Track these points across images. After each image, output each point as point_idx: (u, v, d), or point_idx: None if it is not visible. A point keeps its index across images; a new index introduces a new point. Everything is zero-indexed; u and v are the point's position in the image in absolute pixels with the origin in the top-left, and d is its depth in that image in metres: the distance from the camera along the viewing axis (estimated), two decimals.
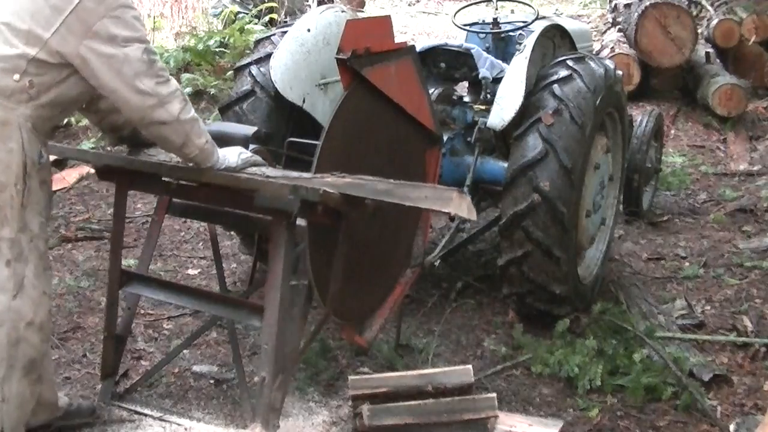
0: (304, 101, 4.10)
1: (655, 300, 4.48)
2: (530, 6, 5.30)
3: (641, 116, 5.80)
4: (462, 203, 2.76)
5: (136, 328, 4.01)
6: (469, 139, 4.35)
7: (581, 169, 3.91)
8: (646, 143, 5.56)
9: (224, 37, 8.27)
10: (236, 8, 9.09)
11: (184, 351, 3.75)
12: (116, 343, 3.41)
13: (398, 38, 3.50)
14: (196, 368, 3.72)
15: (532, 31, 4.31)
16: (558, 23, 4.61)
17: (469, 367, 3.23)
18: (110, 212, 5.33)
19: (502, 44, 4.89)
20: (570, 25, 4.83)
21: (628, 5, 9.01)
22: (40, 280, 2.78)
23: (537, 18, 4.84)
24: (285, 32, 4.21)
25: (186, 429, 3.21)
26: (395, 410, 3.10)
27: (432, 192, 2.86)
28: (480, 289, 4.56)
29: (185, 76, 7.66)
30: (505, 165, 4.00)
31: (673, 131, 7.96)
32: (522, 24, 4.87)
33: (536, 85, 3.99)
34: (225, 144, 3.07)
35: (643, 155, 5.52)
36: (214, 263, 3.92)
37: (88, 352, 3.82)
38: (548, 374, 3.73)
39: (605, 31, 9.86)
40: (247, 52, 6.86)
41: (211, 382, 3.62)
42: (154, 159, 3.12)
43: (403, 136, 3.48)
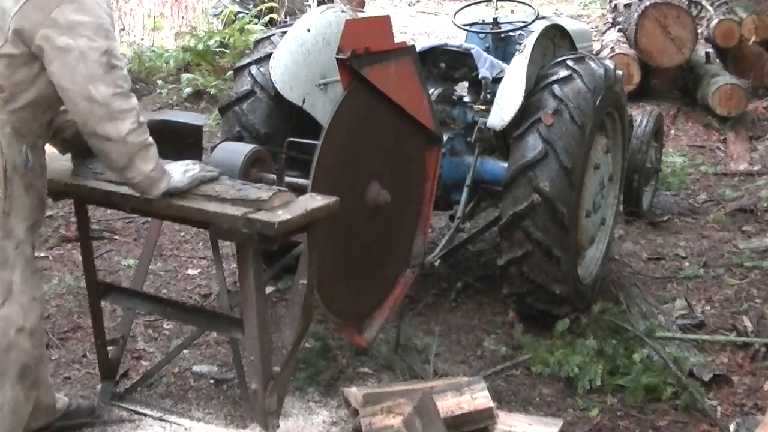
0: (303, 101, 4.10)
1: (655, 300, 4.48)
2: (530, 6, 5.30)
3: (641, 116, 5.80)
4: None
5: (136, 328, 4.01)
6: (469, 139, 4.35)
7: (581, 169, 3.91)
8: (646, 143, 5.57)
9: (224, 37, 8.28)
10: (236, 8, 9.10)
11: (184, 351, 3.75)
12: (116, 344, 3.41)
13: (398, 38, 3.51)
14: (196, 368, 3.72)
15: (532, 31, 4.31)
16: (558, 23, 4.61)
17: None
18: (110, 212, 5.35)
19: (502, 44, 4.89)
20: (570, 25, 4.83)
21: (628, 5, 9.01)
22: (29, 285, 2.71)
23: (537, 18, 4.84)
24: (285, 32, 4.21)
25: (186, 429, 3.21)
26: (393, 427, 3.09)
27: None
28: (480, 289, 4.56)
29: (185, 76, 7.67)
30: (505, 165, 4.00)
31: (673, 131, 7.96)
32: (522, 24, 4.87)
33: (536, 85, 3.99)
34: (175, 136, 2.97)
35: (643, 155, 5.52)
36: (214, 263, 3.92)
37: (88, 352, 3.81)
38: (548, 374, 3.73)
39: (605, 31, 9.86)
40: (247, 52, 6.86)
41: (211, 382, 3.62)
42: (103, 180, 2.89)
43: (403, 136, 3.48)
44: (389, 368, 3.72)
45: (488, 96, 4.31)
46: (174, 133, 2.97)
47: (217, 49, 8.12)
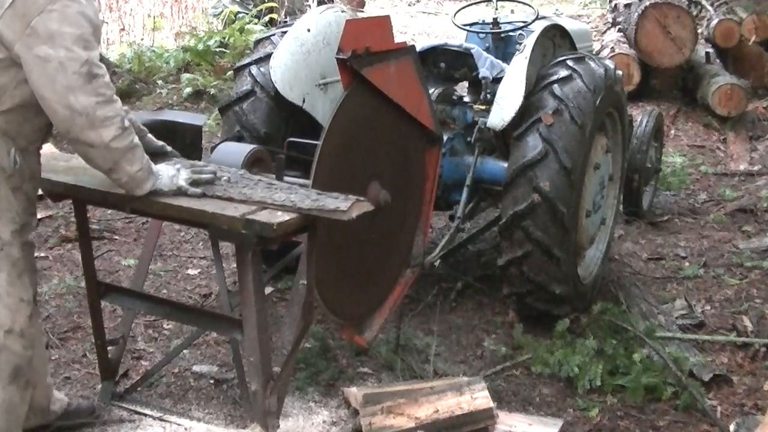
0: (304, 101, 4.10)
1: (655, 300, 4.48)
2: (530, 6, 5.30)
3: (641, 116, 5.80)
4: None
5: (136, 328, 4.01)
6: (469, 139, 4.35)
7: (581, 169, 3.91)
8: (646, 143, 5.57)
9: (224, 37, 8.28)
10: (236, 8, 9.11)
11: (184, 351, 3.75)
12: (116, 344, 3.41)
13: (398, 38, 3.51)
14: (196, 368, 3.72)
15: (532, 31, 4.31)
16: (558, 23, 4.61)
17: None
18: (110, 212, 5.35)
19: (502, 44, 4.89)
20: (570, 25, 4.83)
21: (628, 5, 9.01)
22: (16, 287, 2.68)
23: (537, 18, 4.84)
24: (285, 32, 4.21)
25: (186, 429, 3.21)
26: (394, 427, 3.09)
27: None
28: (480, 289, 4.56)
29: (185, 76, 7.67)
30: (505, 165, 4.00)
31: (673, 131, 7.96)
32: (522, 24, 4.87)
33: (536, 85, 3.99)
34: (174, 136, 2.96)
35: (643, 155, 5.52)
36: (214, 263, 3.92)
37: (88, 352, 3.81)
38: (548, 374, 3.73)
39: (605, 31, 9.87)
40: (247, 52, 6.87)
41: (211, 382, 3.62)
42: (101, 181, 2.86)
43: (403, 136, 3.48)
44: (389, 368, 3.72)
45: (488, 96, 4.31)
46: (173, 133, 2.98)
47: (217, 49, 8.12)
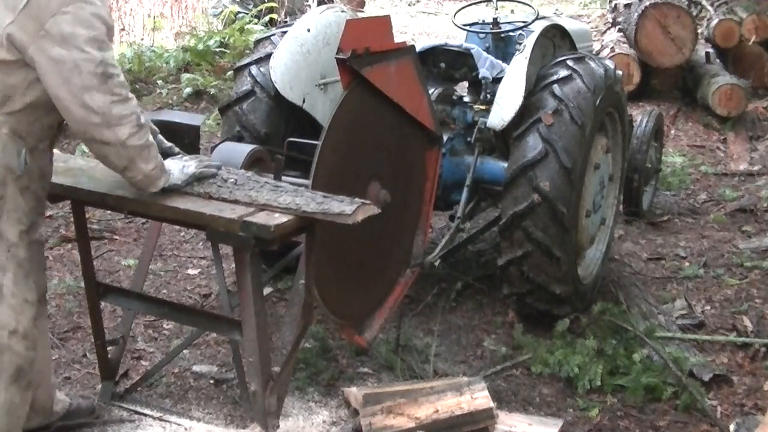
0: (304, 101, 4.10)
1: (655, 300, 4.48)
2: (530, 6, 5.30)
3: (641, 116, 5.79)
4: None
5: (136, 328, 4.01)
6: (469, 139, 4.35)
7: (581, 169, 3.91)
8: (646, 143, 5.56)
9: (224, 37, 8.28)
10: (236, 8, 9.10)
11: (184, 351, 3.75)
12: (116, 344, 3.41)
13: (398, 38, 3.51)
14: (196, 368, 3.72)
15: (532, 31, 4.31)
16: (558, 23, 4.61)
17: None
18: (110, 212, 5.35)
19: (502, 44, 4.89)
20: (570, 25, 4.83)
21: (628, 5, 9.01)
22: (21, 288, 2.67)
23: (537, 18, 4.84)
24: (285, 32, 4.21)
25: (186, 429, 3.21)
26: (393, 427, 3.09)
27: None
28: (480, 289, 4.56)
29: (185, 76, 7.67)
30: (505, 165, 4.00)
31: (673, 131, 7.96)
32: (522, 24, 4.87)
33: (536, 85, 3.99)
34: (172, 136, 2.97)
35: (643, 155, 5.52)
36: (214, 263, 3.92)
37: (88, 352, 3.82)
38: (548, 374, 3.73)
39: (605, 31, 9.86)
40: (247, 52, 6.87)
41: (211, 382, 3.62)
42: (100, 182, 2.91)
43: (403, 136, 3.48)
44: (389, 368, 3.72)
45: (488, 96, 4.31)
46: (171, 132, 2.99)
47: (217, 49, 8.11)
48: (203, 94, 7.50)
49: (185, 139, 3.12)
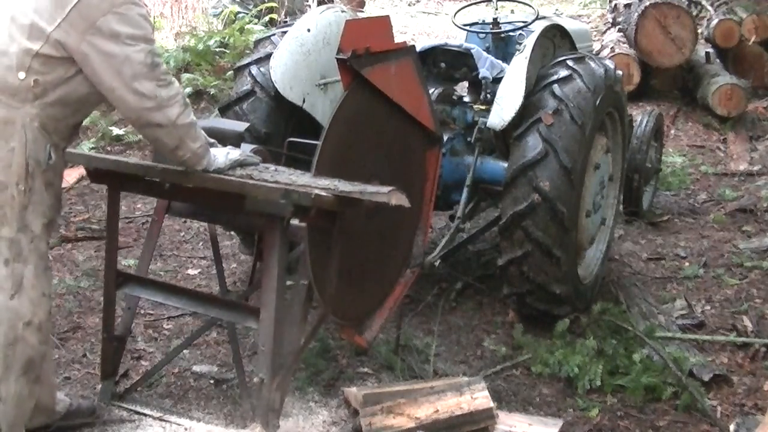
0: (304, 101, 4.10)
1: (655, 300, 4.49)
2: (530, 6, 5.30)
3: (641, 116, 5.80)
4: None
5: (136, 328, 4.01)
6: (469, 139, 4.35)
7: (581, 169, 3.91)
8: (646, 143, 5.56)
9: (224, 37, 8.27)
10: (236, 8, 9.09)
11: (184, 351, 3.75)
12: (116, 343, 3.41)
13: (398, 38, 3.51)
14: (196, 368, 3.72)
15: (532, 31, 4.32)
16: (558, 23, 4.61)
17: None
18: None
19: (502, 44, 4.89)
20: (570, 25, 4.83)
21: (628, 5, 9.01)
22: (40, 280, 2.75)
23: (537, 18, 4.84)
24: (285, 32, 4.21)
25: (186, 429, 3.21)
26: (394, 427, 3.09)
27: None
28: (480, 289, 4.56)
29: (185, 76, 7.66)
30: (505, 165, 4.00)
31: (673, 131, 7.96)
32: (522, 24, 4.87)
33: (536, 85, 3.99)
34: (218, 140, 3.06)
35: (643, 155, 5.52)
36: (214, 263, 3.92)
37: (88, 352, 3.82)
38: (548, 374, 3.73)
39: (605, 31, 9.86)
40: (247, 52, 6.86)
41: (211, 382, 3.62)
42: (144, 162, 3.08)
43: (403, 136, 3.48)
44: (389, 368, 3.72)
45: (488, 96, 4.31)
46: (215, 137, 3.08)
47: (217, 49, 8.11)
48: (203, 94, 7.50)
49: (227, 144, 3.21)
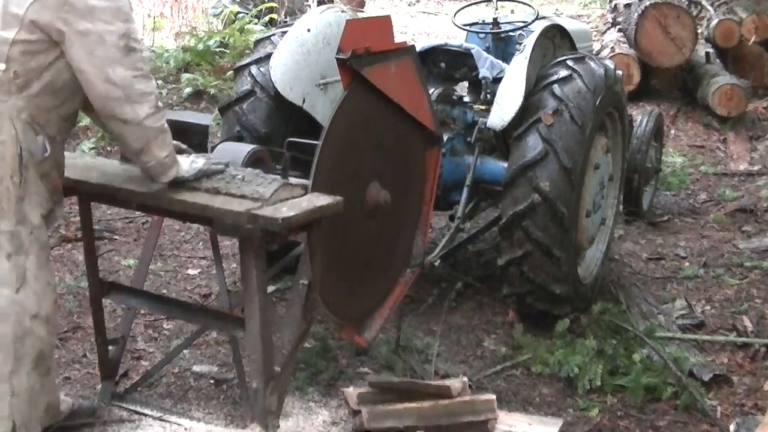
0: (304, 101, 4.10)
1: (655, 300, 4.48)
2: (530, 6, 5.30)
3: (641, 116, 5.80)
4: None
5: (136, 328, 4.01)
6: (469, 139, 4.35)
7: (581, 169, 3.91)
8: (646, 143, 5.56)
9: (224, 37, 8.27)
10: (236, 8, 9.09)
11: (184, 351, 3.75)
12: (111, 346, 3.41)
13: (398, 38, 3.50)
14: (196, 368, 3.72)
15: (532, 31, 4.32)
16: (558, 23, 4.61)
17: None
18: (110, 212, 5.35)
19: (502, 44, 4.89)
20: (570, 25, 4.83)
21: (628, 5, 9.01)
22: (43, 271, 2.74)
23: (537, 18, 4.84)
24: (285, 32, 4.21)
25: (186, 429, 3.21)
26: (394, 413, 3.09)
27: None
28: (480, 289, 4.56)
29: (185, 76, 7.66)
30: (505, 165, 4.01)
31: (673, 131, 7.96)
32: (522, 24, 4.87)
33: (536, 85, 3.99)
34: (181, 136, 3.01)
35: (643, 155, 5.52)
36: (214, 263, 3.92)
37: (88, 352, 3.82)
38: (548, 374, 3.73)
39: (605, 31, 9.86)
40: (247, 52, 6.86)
41: (211, 382, 3.62)
42: (109, 176, 2.94)
43: (403, 136, 3.48)
44: (389, 368, 3.72)
45: (488, 96, 4.31)
46: (179, 132, 3.01)
47: (217, 49, 8.11)
48: (203, 94, 7.50)
49: (194, 138, 3.16)
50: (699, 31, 8.68)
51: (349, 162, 3.15)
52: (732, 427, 3.31)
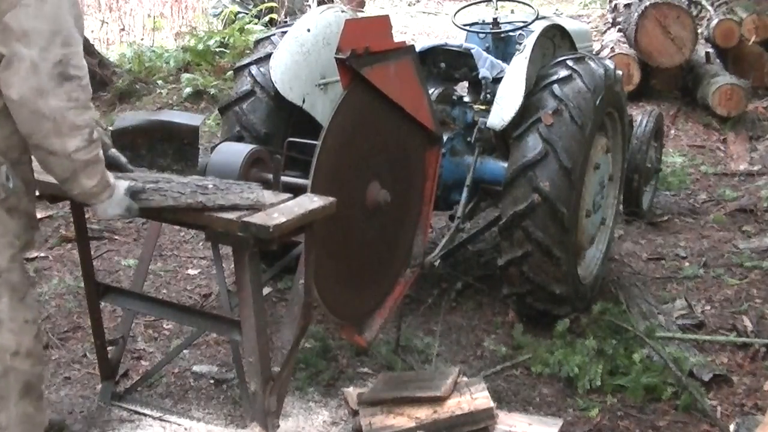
0: (304, 101, 4.10)
1: (655, 300, 4.48)
2: (530, 6, 5.30)
3: (641, 116, 5.79)
4: None
5: (136, 328, 4.01)
6: (469, 139, 4.35)
7: (581, 169, 3.91)
8: (646, 143, 5.56)
9: (224, 37, 8.28)
10: (236, 8, 9.11)
11: (184, 351, 3.75)
12: (110, 347, 3.41)
13: (398, 38, 3.50)
14: (196, 368, 3.72)
15: (532, 31, 4.31)
16: (558, 23, 4.61)
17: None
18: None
19: (502, 44, 4.89)
20: (570, 25, 4.83)
21: (628, 5, 9.01)
22: (19, 310, 2.58)
23: (537, 18, 4.84)
24: (285, 32, 4.20)
25: (186, 429, 3.21)
26: (393, 428, 3.09)
27: None
28: (480, 289, 4.56)
29: (185, 76, 7.67)
30: (505, 165, 4.00)
31: (673, 131, 7.95)
32: (522, 24, 4.87)
33: (536, 85, 3.99)
34: (171, 136, 2.95)
35: (643, 155, 5.52)
36: (214, 263, 3.92)
37: (88, 352, 3.82)
38: (548, 374, 3.73)
39: (605, 31, 9.86)
40: (247, 52, 6.87)
41: (211, 382, 3.62)
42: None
43: (402, 136, 3.48)
44: (389, 368, 3.72)
45: (488, 96, 4.31)
46: (170, 133, 2.96)
47: (217, 49, 8.12)
48: (203, 94, 7.51)
49: (185, 139, 3.12)
50: (699, 31, 8.68)
51: (348, 162, 3.15)
52: (732, 427, 3.31)
